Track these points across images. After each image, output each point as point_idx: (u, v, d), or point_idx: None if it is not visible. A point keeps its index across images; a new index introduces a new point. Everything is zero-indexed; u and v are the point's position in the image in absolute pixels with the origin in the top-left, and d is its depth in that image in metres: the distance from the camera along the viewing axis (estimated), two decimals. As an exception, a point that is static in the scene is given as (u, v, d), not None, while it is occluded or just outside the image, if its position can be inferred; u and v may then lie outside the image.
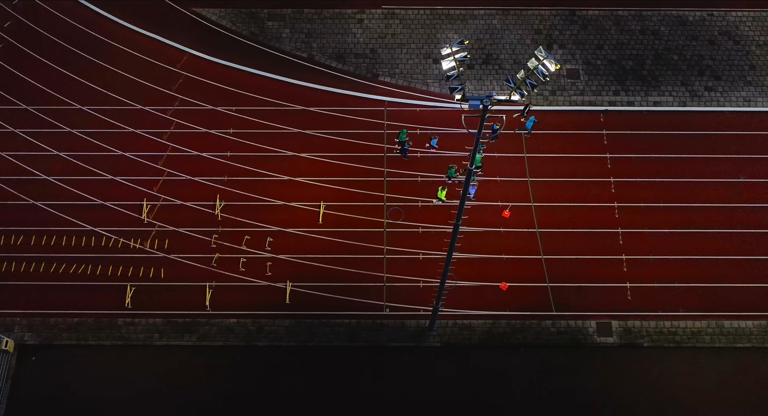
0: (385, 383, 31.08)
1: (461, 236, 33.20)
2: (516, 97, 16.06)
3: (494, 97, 15.60)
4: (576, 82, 37.83)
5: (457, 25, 39.50)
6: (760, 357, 31.84)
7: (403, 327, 32.05)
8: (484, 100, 15.41)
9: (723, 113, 37.04)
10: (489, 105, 15.56)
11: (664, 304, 32.53)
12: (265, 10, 39.74)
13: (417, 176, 35.25)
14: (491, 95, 15.56)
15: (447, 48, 15.22)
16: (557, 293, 32.66)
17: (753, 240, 33.79)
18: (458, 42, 15.27)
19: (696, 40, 39.15)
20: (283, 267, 33.00)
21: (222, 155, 35.67)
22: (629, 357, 31.73)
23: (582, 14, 39.92)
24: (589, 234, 33.97)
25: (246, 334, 31.76)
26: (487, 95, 15.43)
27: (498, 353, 31.78)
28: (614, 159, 35.78)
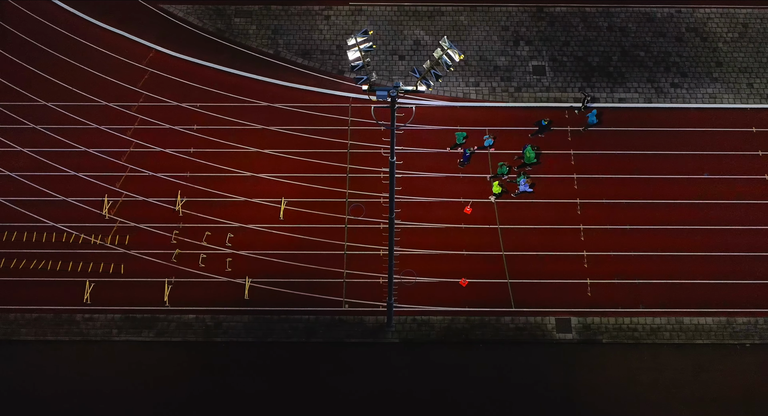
0: (342, 379, 31.01)
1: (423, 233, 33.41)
2: (423, 88, 16.02)
3: (401, 88, 15.58)
4: (542, 79, 37.81)
5: (424, 21, 39.50)
6: (719, 353, 31.74)
7: (361, 322, 32.02)
8: (391, 91, 15.39)
9: (688, 109, 37.00)
10: (396, 96, 15.53)
11: (625, 300, 32.47)
12: (233, 7, 39.78)
13: (380, 173, 35.24)
14: (398, 86, 15.53)
15: (352, 38, 15.20)
16: (517, 290, 32.61)
17: (715, 237, 33.72)
18: (362, 32, 15.23)
19: (663, 37, 39.12)
20: (243, 263, 32.99)
21: (185, 152, 35.67)
22: (588, 354, 31.63)
23: (549, 11, 39.91)
24: (551, 230, 33.93)
25: (204, 330, 31.73)
26: (393, 86, 15.41)
27: (456, 349, 31.70)
28: (578, 156, 35.74)
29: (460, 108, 37.00)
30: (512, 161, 35.29)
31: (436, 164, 35.42)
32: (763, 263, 33.15)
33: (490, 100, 37.19)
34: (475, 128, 36.17)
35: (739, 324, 32.10)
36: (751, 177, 35.29)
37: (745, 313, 32.24)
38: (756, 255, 33.31)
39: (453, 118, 36.67)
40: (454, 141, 35.74)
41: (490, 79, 37.68)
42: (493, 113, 36.84)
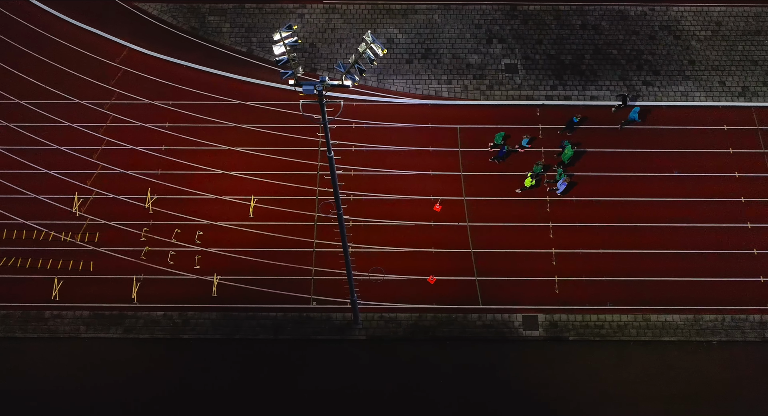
0: (309, 376, 31.11)
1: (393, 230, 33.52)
2: (348, 83, 16.09)
3: (327, 83, 15.66)
4: (514, 77, 37.84)
5: (398, 19, 39.55)
6: (685, 350, 31.80)
7: (329, 320, 32.11)
8: (317, 85, 15.46)
9: (660, 107, 37.03)
10: (322, 90, 15.61)
11: (592, 298, 32.53)
12: (207, 5, 39.83)
13: (350, 170, 35.30)
14: (323, 80, 15.60)
15: (277, 33, 15.27)
16: (485, 287, 32.68)
17: (683, 234, 33.77)
18: (286, 26, 15.29)
19: (636, 35, 39.13)
20: (212, 260, 33.08)
21: (157, 149, 35.75)
22: (554, 351, 31.70)
23: (523, 9, 39.94)
24: (520, 228, 33.98)
25: (172, 327, 31.83)
26: (319, 81, 15.48)
27: (423, 346, 31.78)
28: (549, 153, 35.77)
29: (431, 106, 37.05)
30: (550, 158, 35.45)
31: (406, 162, 35.47)
32: (730, 261, 33.20)
33: (462, 98, 37.23)
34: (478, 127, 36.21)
35: (706, 322, 32.15)
36: (721, 175, 35.32)
37: (712, 310, 32.29)
38: (724, 253, 33.35)
39: (424, 116, 36.72)
40: (456, 139, 35.73)
41: (462, 77, 37.73)
42: (465, 111, 36.91)
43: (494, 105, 37.08)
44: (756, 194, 34.79)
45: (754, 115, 36.85)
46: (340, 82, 15.83)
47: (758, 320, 32.17)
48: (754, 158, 35.69)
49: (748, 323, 32.16)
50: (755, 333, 31.96)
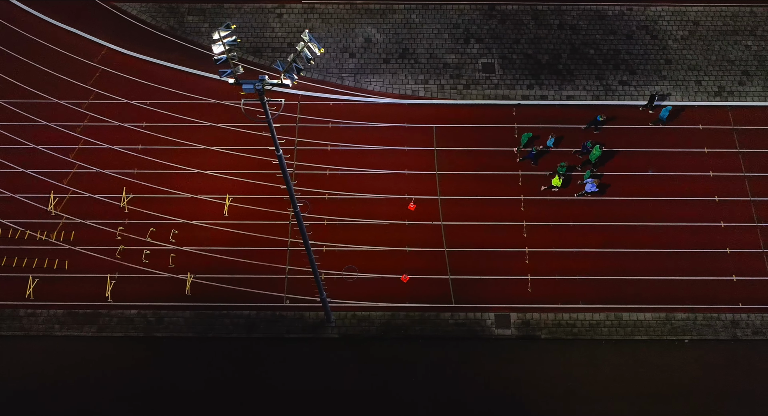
0: (282, 374, 31.23)
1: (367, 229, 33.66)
2: (287, 81, 16.22)
3: (266, 81, 15.78)
4: (491, 77, 37.94)
5: (376, 19, 39.66)
6: (657, 349, 31.91)
7: (302, 318, 32.23)
8: (257, 84, 15.59)
9: (635, 106, 37.12)
10: (262, 89, 15.73)
11: (564, 297, 32.64)
12: (186, 5, 39.95)
13: (326, 169, 35.42)
14: (263, 79, 15.72)
15: (216, 33, 15.40)
16: (458, 286, 32.79)
17: (656, 233, 33.86)
18: (225, 26, 15.42)
19: (614, 35, 39.23)
20: (187, 259, 33.21)
21: (134, 148, 35.89)
22: (527, 349, 31.82)
23: (501, 8, 40.04)
24: (494, 227, 34.08)
25: (145, 325, 31.97)
26: (259, 80, 15.62)
27: (396, 344, 31.90)
28: (524, 152, 35.86)
29: (408, 105, 37.16)
30: (574, 158, 35.56)
31: (382, 161, 35.59)
32: (703, 260, 33.30)
33: (439, 97, 37.34)
34: (454, 126, 36.30)
35: (678, 320, 32.27)
36: (696, 174, 35.42)
37: (684, 309, 32.42)
38: (697, 252, 33.45)
39: (401, 115, 36.83)
40: (431, 139, 35.83)
41: (439, 77, 37.84)
42: (441, 111, 37.02)
43: (470, 104, 37.19)
44: (730, 193, 34.88)
45: (730, 114, 36.95)
46: (280, 81, 15.97)
47: (730, 318, 32.28)
48: (728, 158, 35.79)
49: (720, 321, 32.26)
50: (727, 332, 32.07)
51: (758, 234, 33.98)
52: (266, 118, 16.47)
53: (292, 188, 20.85)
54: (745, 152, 35.95)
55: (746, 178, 35.30)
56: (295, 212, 21.74)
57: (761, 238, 33.87)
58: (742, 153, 35.93)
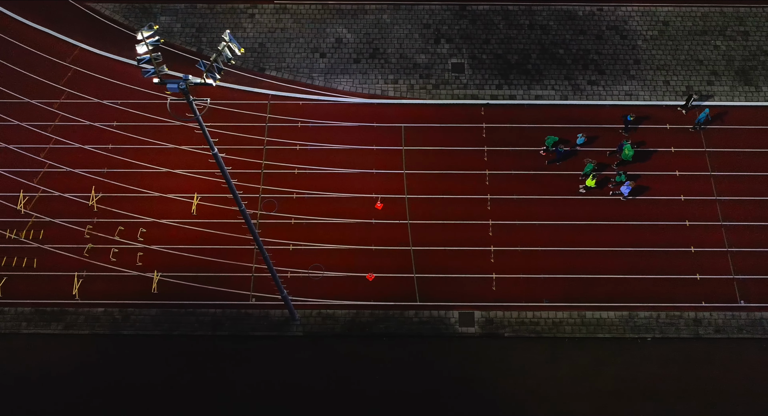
0: (247, 371, 31.49)
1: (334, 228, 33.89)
2: (210, 81, 16.48)
3: (190, 81, 16.04)
4: (460, 76, 38.19)
5: (347, 19, 39.91)
6: (619, 347, 32.13)
7: (267, 316, 32.49)
8: (180, 83, 15.85)
9: (603, 106, 37.36)
10: (186, 88, 15.99)
11: (528, 295, 32.87)
12: (158, 5, 40.22)
13: (294, 169, 35.68)
14: (186, 78, 15.98)
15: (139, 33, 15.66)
16: (423, 284, 33.04)
17: (620, 232, 34.10)
18: (147, 26, 15.67)
19: (583, 35, 39.47)
20: (154, 257, 33.47)
21: (104, 148, 36.17)
22: (490, 347, 32.04)
23: (472, 9, 40.29)
24: (460, 226, 34.32)
25: (112, 323, 32.24)
26: (182, 79, 15.87)
27: (360, 342, 32.15)
28: (491, 152, 36.12)
29: (377, 105, 37.41)
30: (607, 158, 35.81)
31: (350, 161, 35.83)
32: (667, 259, 33.52)
33: (408, 97, 37.59)
34: (422, 126, 36.55)
35: (641, 319, 32.49)
36: (662, 174, 35.65)
37: (647, 307, 32.65)
38: (661, 250, 33.69)
39: (370, 115, 37.09)
40: (400, 138, 36.08)
41: (409, 77, 38.09)
42: (410, 110, 37.28)
43: (439, 104, 37.44)
44: (695, 192, 35.12)
45: (697, 114, 37.14)
46: (203, 81, 16.24)
47: (693, 317, 32.50)
48: (695, 157, 36.02)
49: (682, 320, 32.49)
50: (689, 330, 32.29)
51: (723, 233, 34.21)
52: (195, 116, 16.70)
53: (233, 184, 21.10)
54: (711, 152, 36.18)
55: (712, 177, 35.53)
56: (241, 210, 22.00)
57: (726, 237, 34.11)
58: (708, 153, 36.16)
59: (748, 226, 34.31)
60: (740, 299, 32.83)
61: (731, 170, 35.70)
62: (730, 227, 34.30)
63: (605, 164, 35.66)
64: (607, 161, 35.75)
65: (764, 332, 32.25)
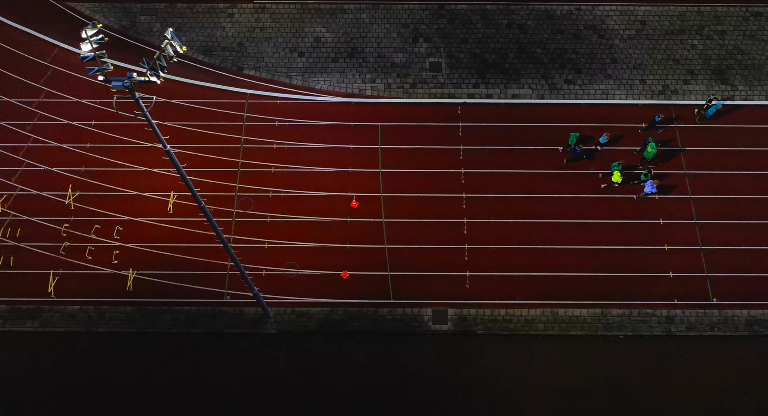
0: (220, 369, 31.67)
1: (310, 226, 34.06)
2: (154, 79, 16.67)
3: (134, 79, 16.23)
4: (438, 75, 38.36)
5: (326, 19, 40.09)
6: (592, 344, 32.31)
7: (241, 314, 32.67)
8: (125, 80, 16.05)
9: (579, 105, 37.52)
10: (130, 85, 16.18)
11: (502, 293, 33.04)
12: (138, 5, 40.39)
13: (271, 168, 35.85)
14: (131, 76, 16.17)
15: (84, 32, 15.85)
16: (397, 282, 33.20)
17: (594, 230, 34.26)
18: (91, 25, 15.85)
19: (561, 34, 39.62)
20: (130, 255, 33.65)
21: (82, 147, 36.35)
22: (462, 344, 32.23)
23: (451, 8, 40.45)
24: (435, 224, 34.50)
25: (87, 320, 32.41)
26: (127, 77, 16.07)
27: (334, 340, 32.33)
28: (467, 151, 36.29)
29: (354, 104, 37.59)
30: (633, 156, 35.95)
31: (327, 159, 36.01)
32: (641, 257, 33.68)
33: (385, 96, 37.77)
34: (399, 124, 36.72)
35: (613, 316, 32.66)
36: (635, 172, 35.80)
37: (620, 305, 32.82)
38: (635, 248, 33.85)
39: (347, 114, 37.25)
40: (377, 137, 36.27)
41: (386, 76, 38.26)
42: (387, 109, 37.43)
43: (416, 103, 37.60)
44: (670, 191, 35.26)
45: (674, 113, 37.33)
46: (147, 79, 16.44)
47: (665, 314, 32.68)
48: (670, 156, 36.16)
49: (654, 317, 32.66)
50: (661, 328, 32.48)
51: (696, 231, 34.37)
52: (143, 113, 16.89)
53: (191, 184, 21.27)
54: (687, 151, 36.34)
55: (687, 176, 35.68)
56: (201, 207, 22.18)
57: (699, 235, 34.27)
58: (684, 152, 36.32)
59: (722, 224, 34.47)
60: (713, 297, 33.00)
61: (706, 169, 35.85)
62: (704, 226, 34.47)
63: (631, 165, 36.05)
64: (634, 160, 35.98)
65: (736, 329, 32.45)
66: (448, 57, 38.89)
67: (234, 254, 25.30)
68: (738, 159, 36.05)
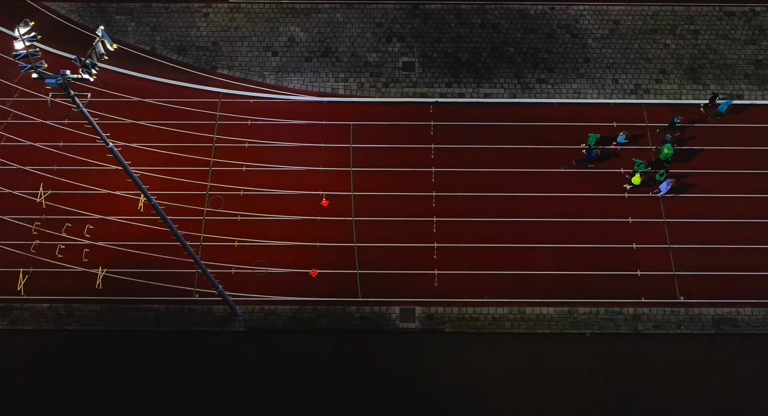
0: (189, 366, 31.82)
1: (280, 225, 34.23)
2: (86, 76, 16.83)
3: (68, 76, 16.37)
4: (411, 75, 38.50)
5: (301, 18, 40.24)
6: (558, 342, 32.43)
7: (210, 312, 32.83)
8: (58, 78, 16.20)
9: (551, 104, 37.65)
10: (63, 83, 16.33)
11: (470, 291, 33.18)
12: (114, 5, 40.56)
13: (242, 166, 36.01)
14: (64, 74, 16.31)
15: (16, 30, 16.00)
16: (366, 280, 33.34)
17: (563, 229, 34.38)
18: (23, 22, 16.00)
19: (534, 34, 39.75)
20: (100, 254, 33.81)
21: (55, 145, 36.53)
22: (430, 342, 32.37)
23: (425, 8, 40.59)
24: (405, 223, 34.64)
25: (57, 318, 32.58)
26: (60, 74, 16.22)
27: (302, 338, 32.46)
28: (438, 150, 36.43)
29: (327, 103, 37.74)
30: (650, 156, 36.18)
31: (298, 158, 36.16)
32: (609, 255, 33.81)
33: (358, 95, 37.91)
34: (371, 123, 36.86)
35: (581, 314, 32.79)
36: (606, 171, 35.94)
37: (588, 303, 32.94)
38: (603, 247, 33.98)
39: (319, 113, 37.41)
40: (348, 136, 36.44)
41: (359, 75, 38.41)
42: (359, 109, 37.59)
43: (388, 102, 37.75)
44: (639, 189, 35.39)
45: (645, 112, 37.47)
46: (80, 76, 16.59)
47: (632, 312, 32.80)
48: (640, 155, 36.28)
49: (621, 315, 32.79)
50: (628, 326, 32.60)
51: (665, 230, 34.49)
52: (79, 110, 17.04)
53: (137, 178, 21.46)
54: (657, 149, 36.43)
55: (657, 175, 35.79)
56: (152, 204, 22.34)
57: (668, 233, 34.39)
58: (654, 150, 36.42)
59: (690, 223, 34.60)
60: (680, 296, 33.13)
61: (675, 168, 35.96)
62: (672, 224, 34.59)
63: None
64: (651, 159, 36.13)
65: (703, 328, 32.57)
66: (422, 56, 39.04)
67: (192, 251, 25.47)
68: (707, 159, 36.15)
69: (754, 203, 35.02)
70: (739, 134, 36.79)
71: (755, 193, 35.29)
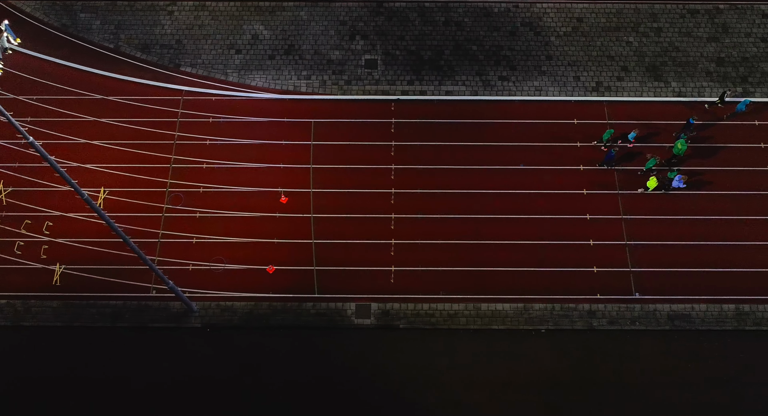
0: (145, 362, 31.98)
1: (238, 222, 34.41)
2: None
3: None
4: (373, 72, 38.62)
5: (265, 16, 40.37)
6: (513, 338, 32.58)
7: (167, 308, 32.97)
8: None
9: (512, 101, 37.77)
10: None
11: (426, 287, 33.32)
12: (79, 3, 40.69)
13: (203, 163, 36.15)
14: None
15: None
16: (323, 277, 33.49)
17: (521, 226, 34.50)
18: None
19: (497, 31, 39.87)
20: (59, 250, 33.96)
21: (17, 143, 36.66)
22: (385, 338, 32.52)
23: (389, 6, 40.70)
24: (363, 220, 34.77)
25: (14, 314, 32.73)
26: None
27: (257, 334, 32.62)
28: (398, 147, 36.56)
29: (288, 101, 37.87)
30: (664, 153, 36.07)
31: (259, 155, 36.30)
32: (566, 252, 33.94)
33: (320, 92, 38.04)
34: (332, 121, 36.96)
35: (536, 310, 32.93)
36: (566, 168, 36.05)
37: (543, 300, 33.09)
38: (560, 244, 34.10)
39: (281, 110, 37.54)
40: (309, 133, 36.57)
41: (322, 73, 38.54)
42: (321, 106, 37.70)
43: (350, 100, 37.88)
44: (597, 187, 35.52)
45: (606, 109, 37.58)
46: None
47: (587, 309, 32.94)
48: (599, 152, 36.40)
49: (576, 312, 32.93)
50: (583, 322, 32.74)
51: (622, 226, 34.62)
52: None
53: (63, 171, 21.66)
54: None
55: (615, 171, 35.92)
56: (85, 199, 22.52)
57: (625, 230, 34.52)
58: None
59: (647, 219, 34.73)
60: (635, 292, 33.26)
61: (632, 165, 36.09)
62: (630, 221, 34.72)
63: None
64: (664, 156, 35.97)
65: (657, 324, 32.70)
66: (384, 54, 39.16)
67: (136, 247, 25.64)
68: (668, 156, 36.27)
69: (711, 201, 35.17)
70: (719, 131, 36.96)
71: (714, 190, 35.43)
